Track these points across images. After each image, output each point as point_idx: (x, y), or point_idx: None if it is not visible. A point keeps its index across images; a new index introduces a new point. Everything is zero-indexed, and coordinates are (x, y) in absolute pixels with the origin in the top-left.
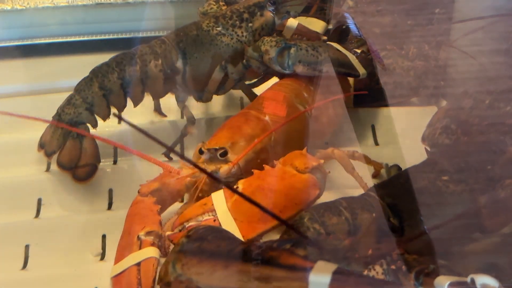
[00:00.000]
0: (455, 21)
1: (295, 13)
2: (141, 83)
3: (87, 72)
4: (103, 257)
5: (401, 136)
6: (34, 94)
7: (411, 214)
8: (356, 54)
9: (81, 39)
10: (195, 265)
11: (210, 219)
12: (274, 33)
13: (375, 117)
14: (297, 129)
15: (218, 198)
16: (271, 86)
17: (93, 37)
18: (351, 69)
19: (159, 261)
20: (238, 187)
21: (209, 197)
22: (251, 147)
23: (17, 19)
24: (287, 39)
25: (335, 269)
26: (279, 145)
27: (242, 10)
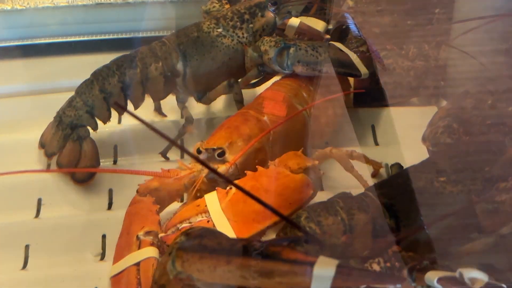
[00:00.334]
0: (455, 21)
1: (296, 13)
2: (141, 85)
3: (87, 72)
4: (103, 257)
5: (401, 136)
6: (34, 94)
7: (408, 214)
8: (357, 53)
9: (81, 39)
10: (196, 261)
11: (203, 220)
12: (274, 34)
13: (375, 117)
14: (295, 129)
15: (211, 199)
16: (270, 85)
17: (93, 37)
18: (352, 69)
19: (158, 261)
20: (230, 189)
21: (202, 198)
22: (248, 147)
23: (17, 19)
24: (287, 39)
25: (339, 262)
26: (277, 145)
27: (243, 11)
